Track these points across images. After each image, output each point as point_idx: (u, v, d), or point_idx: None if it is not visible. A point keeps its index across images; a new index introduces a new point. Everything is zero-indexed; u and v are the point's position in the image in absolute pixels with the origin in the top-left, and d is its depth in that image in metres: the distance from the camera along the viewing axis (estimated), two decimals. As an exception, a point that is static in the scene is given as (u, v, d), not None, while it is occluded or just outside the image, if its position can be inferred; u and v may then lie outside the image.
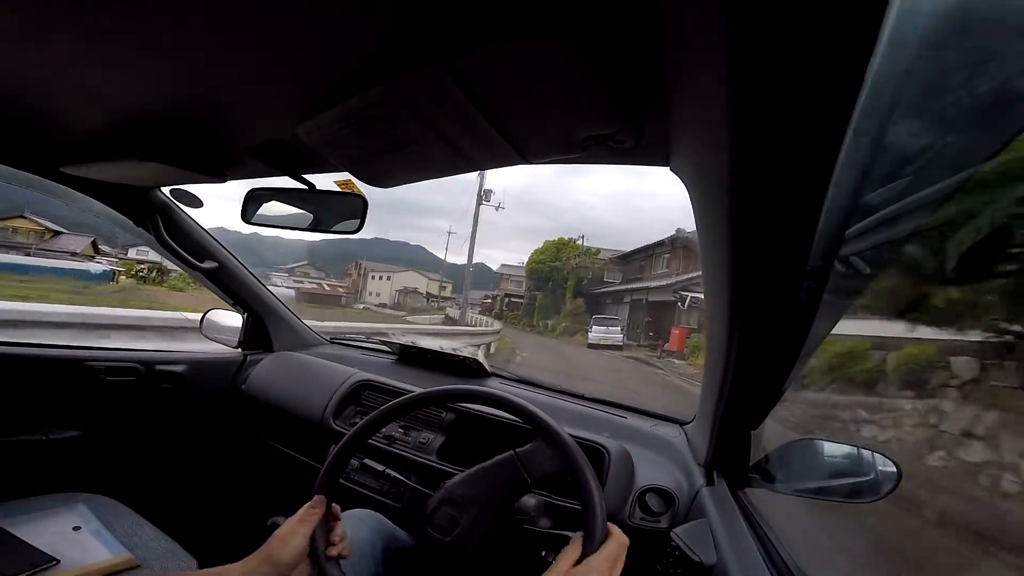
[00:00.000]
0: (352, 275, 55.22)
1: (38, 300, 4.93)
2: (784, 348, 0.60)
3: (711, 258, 0.58)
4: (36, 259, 17.81)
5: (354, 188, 0.94)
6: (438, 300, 45.46)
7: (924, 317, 2.53)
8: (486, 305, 37.60)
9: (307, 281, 49.61)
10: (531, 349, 14.92)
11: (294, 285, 39.10)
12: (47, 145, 0.87)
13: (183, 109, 0.70)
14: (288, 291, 27.61)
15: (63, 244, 23.77)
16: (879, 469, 0.76)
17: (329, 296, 37.42)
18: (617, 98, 0.49)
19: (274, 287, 2.06)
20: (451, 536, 0.67)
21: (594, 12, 0.40)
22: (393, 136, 0.62)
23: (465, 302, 23.25)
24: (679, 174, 0.60)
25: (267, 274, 49.68)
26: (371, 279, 53.14)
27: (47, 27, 0.51)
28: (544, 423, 0.69)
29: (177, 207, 1.23)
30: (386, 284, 51.76)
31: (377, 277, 53.50)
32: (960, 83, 0.40)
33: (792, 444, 0.85)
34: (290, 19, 0.46)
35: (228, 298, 1.45)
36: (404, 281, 50.93)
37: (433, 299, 46.13)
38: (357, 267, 55.70)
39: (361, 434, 0.76)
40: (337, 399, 1.21)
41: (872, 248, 0.54)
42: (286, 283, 40.30)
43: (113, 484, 1.09)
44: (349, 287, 49.91)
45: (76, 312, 3.17)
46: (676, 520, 0.84)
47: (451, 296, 47.09)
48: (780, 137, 0.35)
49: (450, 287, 53.29)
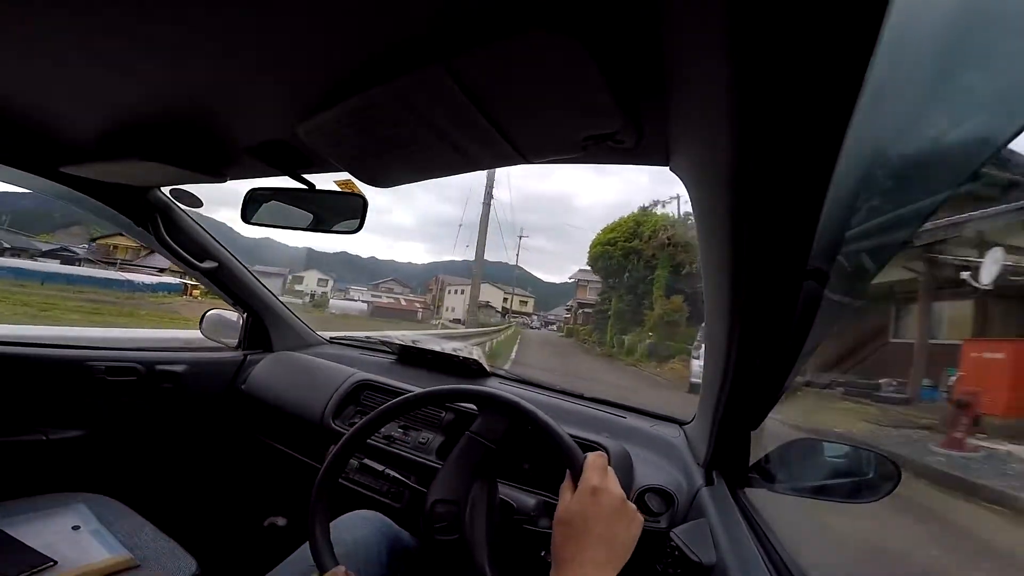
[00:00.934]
0: (432, 290, 54.11)
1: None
2: (784, 348, 0.60)
3: (711, 258, 0.58)
4: (133, 275, 19.03)
5: (354, 188, 0.94)
6: (517, 315, 44.16)
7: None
8: (566, 320, 36.11)
9: (384, 296, 49.08)
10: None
11: (370, 299, 38.96)
12: (47, 145, 0.87)
13: (183, 109, 0.70)
14: (361, 305, 27.72)
15: (155, 261, 24.80)
16: (878, 468, 0.76)
17: (404, 311, 36.85)
18: (617, 98, 0.49)
19: (349, 301, 2.00)
20: (457, 534, 0.68)
21: (594, 11, 0.40)
22: (393, 136, 0.62)
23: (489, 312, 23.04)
24: (679, 174, 0.60)
25: (347, 288, 48.67)
26: (448, 293, 52.25)
27: (47, 27, 0.51)
28: (544, 423, 0.69)
29: (177, 207, 1.23)
30: (461, 299, 48.80)
31: (454, 291, 52.08)
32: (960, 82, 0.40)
33: (792, 444, 0.85)
34: (290, 19, 0.46)
35: (228, 298, 1.45)
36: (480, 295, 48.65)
37: (514, 315, 44.69)
38: (436, 281, 54.37)
39: (360, 434, 0.77)
40: (337, 399, 1.21)
41: (872, 248, 0.54)
42: (363, 297, 40.24)
43: (113, 484, 1.09)
44: (427, 302, 48.74)
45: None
46: (676, 520, 0.84)
47: (531, 312, 45.10)
48: (780, 137, 0.35)
49: (532, 302, 51.21)
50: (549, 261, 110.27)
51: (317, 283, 56.81)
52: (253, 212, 1.03)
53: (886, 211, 0.49)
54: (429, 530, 0.69)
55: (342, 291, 49.30)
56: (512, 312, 45.25)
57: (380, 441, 1.07)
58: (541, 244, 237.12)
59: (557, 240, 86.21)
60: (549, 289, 55.86)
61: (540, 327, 43.46)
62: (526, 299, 49.23)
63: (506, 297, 47.55)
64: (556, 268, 74.63)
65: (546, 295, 63.34)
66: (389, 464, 1.01)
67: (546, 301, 54.08)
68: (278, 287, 15.51)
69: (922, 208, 0.46)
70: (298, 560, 0.77)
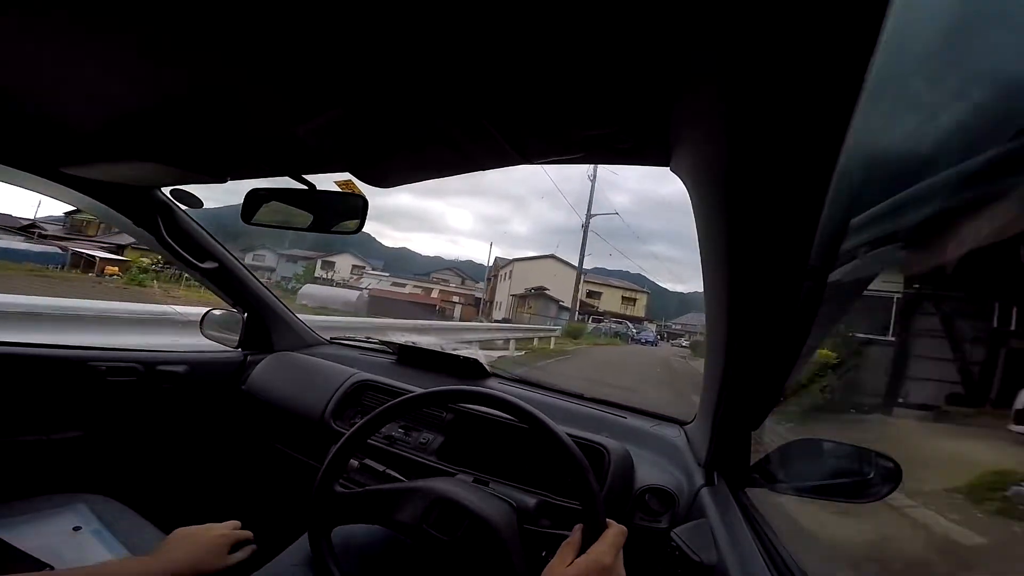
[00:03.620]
0: (492, 280, 38.99)
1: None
2: (784, 348, 0.60)
3: (711, 258, 0.58)
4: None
5: (354, 188, 0.94)
6: (607, 318, 30.51)
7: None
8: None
9: (410, 286, 34.72)
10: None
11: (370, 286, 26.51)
12: (47, 145, 0.87)
13: (183, 109, 0.70)
14: (349, 294, 20.22)
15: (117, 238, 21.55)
16: (879, 468, 0.76)
17: (416, 303, 25.22)
18: (618, 98, 0.49)
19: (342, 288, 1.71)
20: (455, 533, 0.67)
21: (595, 10, 0.40)
22: (393, 136, 0.62)
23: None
24: (679, 174, 0.60)
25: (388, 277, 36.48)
26: (501, 280, 37.59)
27: (47, 27, 0.51)
28: (542, 423, 0.69)
29: (177, 207, 1.23)
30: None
31: (506, 277, 36.74)
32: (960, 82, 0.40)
33: (792, 444, 0.85)
34: (290, 20, 0.46)
35: (228, 298, 1.45)
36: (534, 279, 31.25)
37: (599, 317, 30.73)
38: (496, 268, 39.47)
39: (360, 434, 0.77)
40: (337, 399, 1.22)
41: (872, 248, 0.54)
42: (376, 284, 28.39)
43: (114, 484, 1.09)
44: (487, 294, 34.96)
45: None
46: (676, 520, 0.84)
47: (641, 316, 28.02)
48: (780, 137, 0.35)
49: (643, 300, 33.01)
50: (676, 269, 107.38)
51: (352, 270, 44.11)
52: (253, 212, 1.03)
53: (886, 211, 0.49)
54: (428, 530, 0.69)
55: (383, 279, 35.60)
56: (597, 312, 29.51)
57: (381, 441, 1.07)
58: (661, 250, 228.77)
59: (684, 248, 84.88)
60: (673, 299, 51.16)
61: (654, 341, 27.78)
62: (633, 295, 31.16)
63: (592, 287, 29.05)
64: (679, 275, 73.83)
65: (668, 304, 56.36)
66: (390, 464, 1.01)
67: (667, 311, 42.96)
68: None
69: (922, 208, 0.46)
70: (295, 552, 0.79)
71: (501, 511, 0.72)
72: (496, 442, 1.02)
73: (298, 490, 0.90)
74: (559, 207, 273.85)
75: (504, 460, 0.97)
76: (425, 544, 0.68)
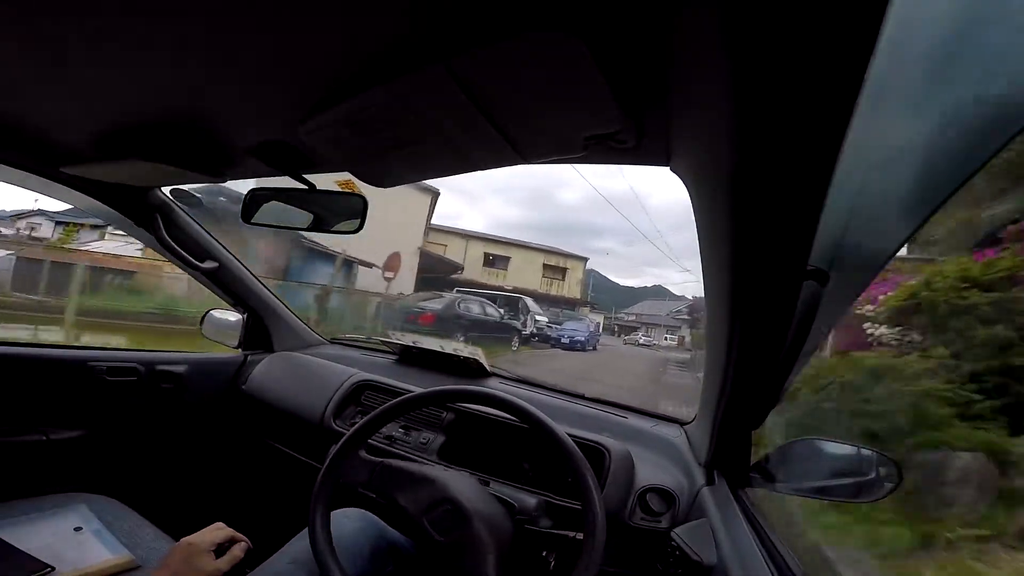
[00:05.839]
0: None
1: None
2: (784, 348, 0.60)
3: (711, 258, 0.58)
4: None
5: (354, 188, 0.94)
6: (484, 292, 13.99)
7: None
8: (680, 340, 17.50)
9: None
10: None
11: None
12: (47, 145, 0.87)
13: (183, 109, 0.70)
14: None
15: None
16: (879, 468, 0.76)
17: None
18: (618, 97, 0.49)
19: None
20: (451, 536, 0.67)
21: (595, 10, 0.40)
22: (393, 136, 0.62)
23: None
24: (679, 174, 0.60)
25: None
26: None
27: (47, 27, 0.51)
28: (542, 423, 0.69)
29: (177, 207, 1.23)
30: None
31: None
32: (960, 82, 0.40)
33: (792, 444, 0.85)
34: (290, 19, 0.46)
35: (228, 298, 1.45)
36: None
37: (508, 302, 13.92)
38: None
39: (361, 434, 0.77)
40: (337, 399, 1.22)
41: (872, 248, 0.54)
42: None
43: (114, 484, 1.09)
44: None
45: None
46: (677, 520, 0.84)
47: (581, 299, 19.58)
48: (781, 137, 0.35)
49: (575, 272, 21.18)
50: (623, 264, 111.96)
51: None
52: (253, 212, 1.03)
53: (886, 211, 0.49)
54: (424, 518, 0.69)
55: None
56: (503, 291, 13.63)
57: (381, 441, 1.07)
58: (610, 246, 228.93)
59: (630, 243, 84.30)
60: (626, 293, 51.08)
61: (588, 340, 13.68)
62: (562, 263, 20.41)
63: (492, 249, 18.86)
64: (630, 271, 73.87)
65: (620, 298, 57.65)
66: None
67: (619, 304, 45.36)
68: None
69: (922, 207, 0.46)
70: (291, 550, 0.78)
71: (502, 530, 0.71)
72: (497, 442, 1.02)
73: (298, 490, 0.90)
74: (516, 202, 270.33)
75: (504, 460, 0.97)
76: (416, 536, 0.68)
